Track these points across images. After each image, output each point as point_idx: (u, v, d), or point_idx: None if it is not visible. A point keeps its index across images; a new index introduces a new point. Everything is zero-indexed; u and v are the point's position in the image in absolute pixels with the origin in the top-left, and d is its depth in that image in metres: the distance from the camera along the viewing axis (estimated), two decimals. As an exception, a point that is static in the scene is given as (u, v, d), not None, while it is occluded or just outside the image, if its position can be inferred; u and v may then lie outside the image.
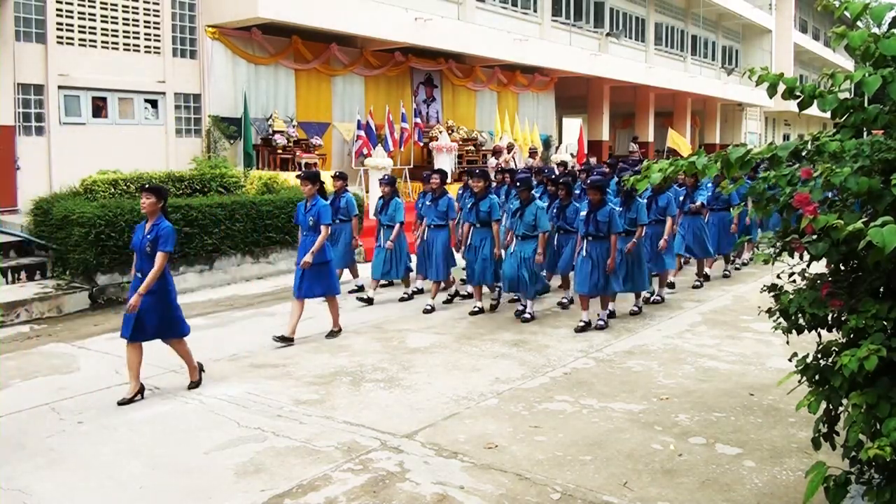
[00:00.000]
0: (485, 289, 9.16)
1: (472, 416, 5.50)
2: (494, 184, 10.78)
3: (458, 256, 9.61)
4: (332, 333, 7.81)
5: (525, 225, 8.39)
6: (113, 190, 10.68)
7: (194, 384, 6.17)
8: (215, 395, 5.97)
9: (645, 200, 9.11)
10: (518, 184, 8.63)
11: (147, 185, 6.08)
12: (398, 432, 5.14)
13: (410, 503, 4.13)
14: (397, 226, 9.37)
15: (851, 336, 3.13)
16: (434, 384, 6.23)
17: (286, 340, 7.41)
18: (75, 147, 12.28)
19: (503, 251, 8.59)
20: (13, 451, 4.89)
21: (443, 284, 9.61)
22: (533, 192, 8.96)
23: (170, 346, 6.17)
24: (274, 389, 6.10)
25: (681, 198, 10.34)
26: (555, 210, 9.10)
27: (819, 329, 3.42)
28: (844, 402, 3.17)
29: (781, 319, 3.48)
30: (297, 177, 9.20)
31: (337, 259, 9.76)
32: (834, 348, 3.31)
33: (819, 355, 3.39)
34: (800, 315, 3.37)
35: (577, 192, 9.89)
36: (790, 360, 3.49)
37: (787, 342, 3.66)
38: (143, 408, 5.71)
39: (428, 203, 9.49)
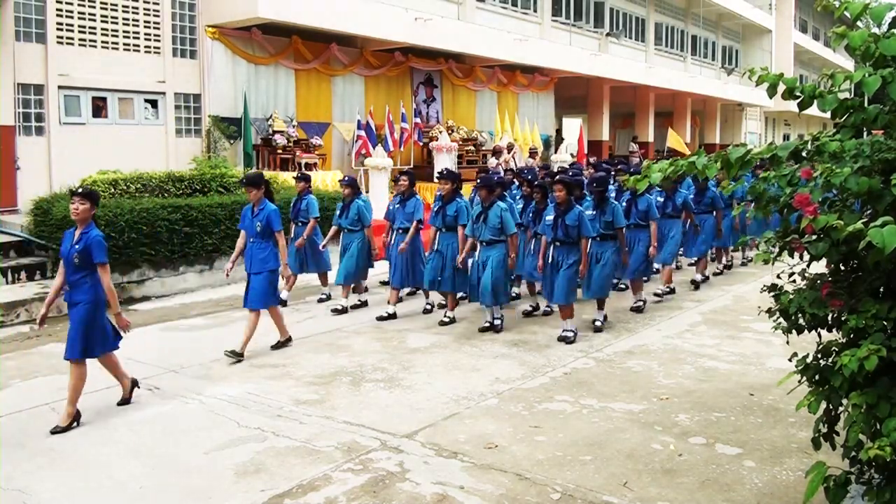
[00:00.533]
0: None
1: (472, 416, 5.50)
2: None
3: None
4: (234, 353, 6.92)
5: (490, 229, 7.78)
6: (113, 190, 10.68)
7: (59, 429, 5.20)
8: (215, 395, 5.97)
9: (623, 204, 8.72)
10: (479, 182, 8.03)
11: (80, 190, 5.45)
12: (398, 432, 5.14)
13: (410, 503, 4.13)
14: (366, 230, 8.96)
15: (851, 336, 3.13)
16: (434, 384, 6.23)
17: (284, 344, 7.32)
18: (75, 147, 12.28)
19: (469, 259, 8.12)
20: (13, 451, 4.89)
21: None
22: (505, 193, 8.64)
23: (70, 365, 5.42)
24: (274, 389, 6.10)
25: (660, 199, 9.81)
26: (530, 214, 8.61)
27: (819, 329, 3.42)
28: (844, 402, 3.17)
29: (781, 319, 3.48)
30: (241, 182, 8.79)
31: (294, 264, 9.28)
32: (834, 348, 3.31)
33: (819, 355, 3.39)
34: (800, 315, 3.37)
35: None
36: (790, 360, 3.49)
37: (787, 342, 3.66)
38: (143, 408, 5.72)
39: (396, 205, 8.94)
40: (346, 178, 9.33)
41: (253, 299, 7.00)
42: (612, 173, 10.79)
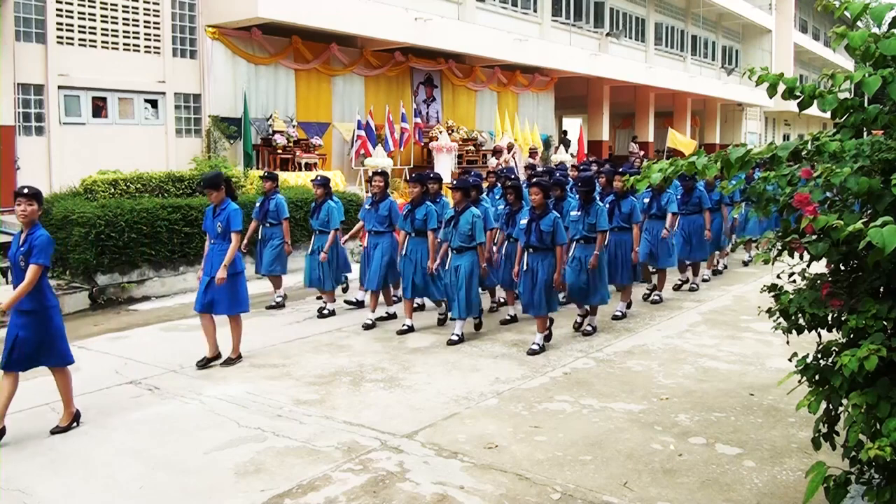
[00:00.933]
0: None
1: (472, 416, 5.50)
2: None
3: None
4: (229, 361, 6.80)
5: (461, 235, 7.48)
6: (113, 190, 10.70)
7: (59, 429, 5.22)
8: (215, 395, 5.97)
9: (607, 206, 8.35)
10: (453, 184, 7.73)
11: (26, 190, 5.10)
12: (398, 432, 5.14)
13: (410, 503, 4.13)
14: (332, 232, 8.73)
15: (851, 336, 3.13)
16: (434, 384, 6.23)
17: (210, 362, 6.73)
18: (75, 147, 12.29)
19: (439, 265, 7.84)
20: (13, 451, 4.89)
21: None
22: (482, 196, 8.42)
23: (52, 375, 5.31)
24: (274, 389, 6.10)
25: (646, 200, 9.52)
26: (504, 216, 8.26)
27: (819, 329, 3.42)
28: (844, 402, 3.17)
29: (781, 319, 3.48)
30: (198, 185, 8.50)
31: (265, 264, 9.18)
32: (834, 348, 3.31)
33: (819, 355, 3.39)
34: (800, 315, 3.37)
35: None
36: (790, 360, 3.49)
37: (787, 342, 3.66)
38: (143, 408, 5.72)
39: (367, 207, 8.59)
40: (318, 179, 9.10)
41: (232, 307, 6.71)
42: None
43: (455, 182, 7.91)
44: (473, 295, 7.60)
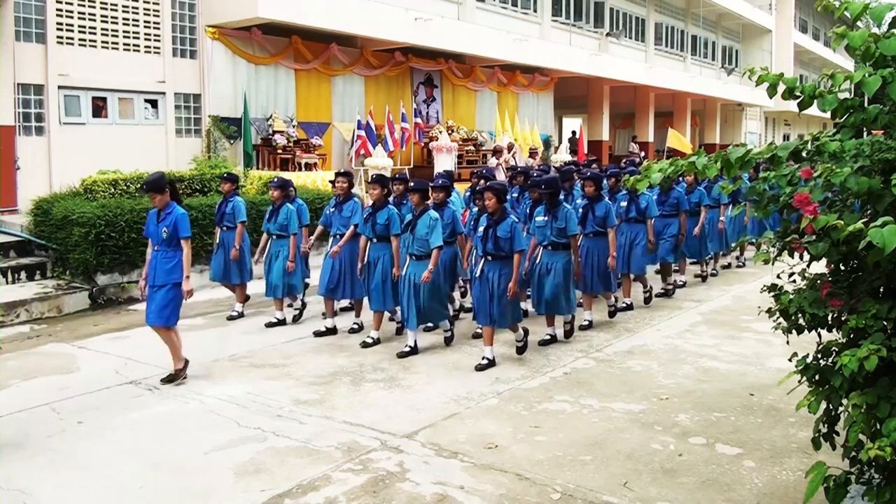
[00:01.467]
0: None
1: (472, 416, 5.50)
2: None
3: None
4: (170, 377, 6.25)
5: (418, 241, 7.05)
6: (113, 190, 10.70)
7: None
8: (215, 395, 5.97)
9: (579, 209, 8.04)
10: (411, 186, 7.30)
11: None
12: (398, 432, 5.14)
13: (410, 503, 4.13)
14: (292, 237, 8.17)
15: (851, 336, 3.13)
16: (434, 384, 6.23)
17: (176, 377, 6.29)
18: (75, 147, 12.28)
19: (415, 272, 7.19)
20: (13, 451, 4.89)
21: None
22: (449, 200, 7.98)
23: None
24: (274, 389, 6.10)
25: (623, 204, 9.06)
26: (472, 222, 7.73)
27: (819, 329, 3.42)
28: (844, 402, 3.17)
29: (781, 319, 3.48)
30: (140, 188, 7.96)
31: (217, 272, 8.71)
32: (834, 348, 3.31)
33: (819, 355, 3.39)
34: (800, 315, 3.37)
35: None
36: (790, 360, 3.49)
37: (787, 342, 3.66)
38: (143, 408, 5.72)
39: (331, 209, 8.10)
40: (276, 180, 8.56)
41: (154, 313, 6.19)
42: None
43: (413, 183, 7.40)
44: (444, 297, 7.41)
